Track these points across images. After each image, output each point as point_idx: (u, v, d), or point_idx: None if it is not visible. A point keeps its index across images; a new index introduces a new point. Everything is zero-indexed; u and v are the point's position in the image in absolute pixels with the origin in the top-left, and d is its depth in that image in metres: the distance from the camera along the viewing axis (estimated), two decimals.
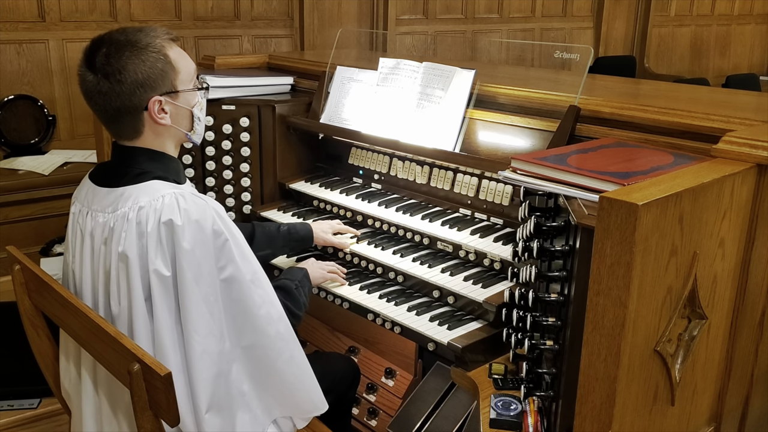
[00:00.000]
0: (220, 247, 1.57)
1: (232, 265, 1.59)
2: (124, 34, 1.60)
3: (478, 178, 2.36)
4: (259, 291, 1.64)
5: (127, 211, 1.56)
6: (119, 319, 1.59)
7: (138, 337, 1.56)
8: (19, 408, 2.49)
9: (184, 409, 1.56)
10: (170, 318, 1.56)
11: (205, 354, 1.56)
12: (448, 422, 2.26)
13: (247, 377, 1.65)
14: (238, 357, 1.63)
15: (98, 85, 1.58)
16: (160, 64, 1.61)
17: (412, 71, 2.51)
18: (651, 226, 1.27)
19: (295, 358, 1.71)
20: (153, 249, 1.53)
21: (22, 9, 4.01)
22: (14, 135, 4.07)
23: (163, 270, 1.53)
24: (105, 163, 1.75)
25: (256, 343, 1.64)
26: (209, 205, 1.59)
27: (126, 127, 1.65)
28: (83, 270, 1.66)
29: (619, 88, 2.66)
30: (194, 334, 1.55)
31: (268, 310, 1.65)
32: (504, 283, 2.08)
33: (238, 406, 1.64)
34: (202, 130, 1.79)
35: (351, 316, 2.38)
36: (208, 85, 1.79)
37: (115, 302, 1.59)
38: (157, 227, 1.53)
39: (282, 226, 2.37)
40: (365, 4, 5.46)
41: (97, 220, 1.62)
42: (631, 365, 1.34)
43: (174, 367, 1.54)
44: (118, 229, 1.56)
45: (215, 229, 1.57)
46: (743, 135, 1.59)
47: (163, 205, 1.54)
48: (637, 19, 7.40)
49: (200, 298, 1.54)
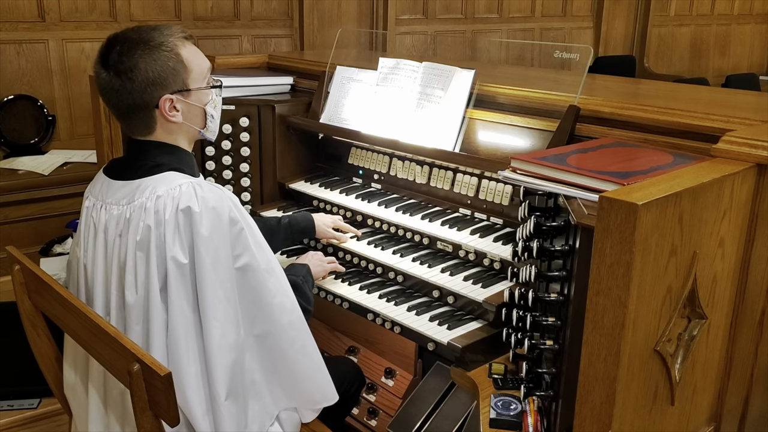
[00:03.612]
0: (236, 235, 1.59)
1: (247, 253, 1.61)
2: (138, 33, 1.62)
3: (477, 177, 2.36)
4: (273, 280, 1.65)
5: (144, 201, 1.58)
6: (134, 308, 1.59)
7: (153, 326, 1.56)
8: (19, 408, 2.49)
9: (194, 399, 1.56)
10: (187, 306, 1.56)
11: (224, 340, 1.57)
12: (448, 422, 2.25)
13: (258, 366, 1.66)
14: (250, 345, 1.64)
15: (111, 82, 1.61)
16: (172, 62, 1.62)
17: (412, 71, 2.51)
18: (651, 226, 1.27)
19: (307, 348, 1.72)
20: (171, 236, 1.54)
21: (22, 9, 4.01)
22: (14, 135, 4.07)
23: (180, 257, 1.54)
24: (119, 159, 1.77)
25: (269, 331, 1.65)
26: (225, 194, 1.61)
27: (138, 124, 1.67)
28: (96, 264, 1.67)
29: (618, 87, 2.66)
30: (213, 320, 1.55)
31: (281, 299, 1.66)
32: (504, 282, 2.08)
33: (250, 394, 1.66)
34: (217, 127, 1.80)
35: (351, 316, 2.38)
36: (221, 82, 1.80)
37: (130, 292, 1.59)
38: (175, 214, 1.55)
39: (283, 219, 2.36)
40: (365, 4, 5.46)
41: (111, 213, 1.63)
42: (630, 365, 1.34)
43: (187, 356, 1.56)
44: (135, 219, 1.58)
45: (232, 217, 1.59)
46: (743, 135, 1.59)
47: (181, 193, 1.56)
48: (637, 18, 7.40)
49: (218, 285, 1.56)
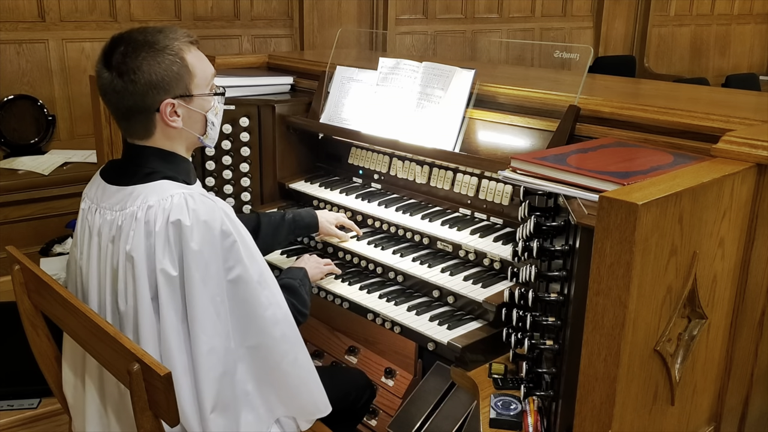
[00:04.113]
0: (228, 248, 1.57)
1: (239, 265, 1.59)
2: (143, 34, 1.60)
3: (477, 177, 2.36)
4: (266, 292, 1.64)
5: (135, 210, 1.56)
6: (126, 317, 1.59)
7: (144, 336, 1.56)
8: (19, 408, 2.49)
9: (189, 409, 1.56)
10: (176, 318, 1.56)
11: (212, 353, 1.56)
12: (448, 422, 2.26)
13: (251, 377, 1.65)
14: (242, 357, 1.63)
15: (112, 82, 1.59)
16: (176, 67, 1.61)
17: (412, 71, 2.51)
18: (651, 226, 1.27)
19: (300, 360, 1.70)
20: (161, 249, 1.53)
21: (22, 9, 4.01)
22: (14, 135, 4.07)
23: (170, 270, 1.53)
24: (116, 161, 1.75)
25: (261, 344, 1.64)
26: (218, 205, 1.59)
27: (137, 127, 1.65)
28: (90, 267, 1.66)
29: (618, 87, 2.66)
30: (201, 334, 1.54)
31: (274, 311, 1.65)
32: (504, 282, 2.08)
33: (243, 405, 1.64)
34: (216, 135, 1.78)
35: (351, 316, 2.38)
36: (224, 89, 1.78)
37: (122, 301, 1.59)
38: (165, 227, 1.53)
39: (287, 215, 2.35)
40: (365, 4, 5.46)
41: (105, 218, 1.62)
42: (631, 365, 1.34)
43: (180, 367, 1.55)
44: (126, 228, 1.57)
45: (224, 230, 1.57)
46: (743, 135, 1.59)
47: (172, 205, 1.54)
48: (637, 18, 7.40)
49: (207, 299, 1.54)
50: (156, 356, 1.56)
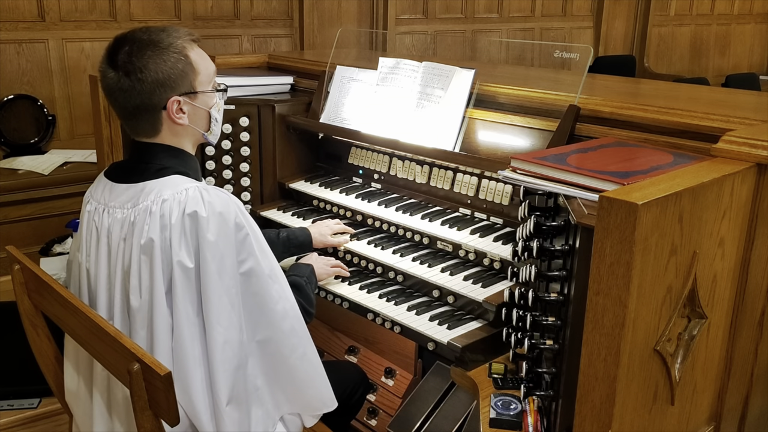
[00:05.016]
0: (241, 241, 1.59)
1: (252, 258, 1.61)
2: (147, 33, 1.62)
3: (477, 177, 2.36)
4: (276, 286, 1.65)
5: (149, 204, 1.57)
6: (139, 313, 1.59)
7: (158, 330, 1.56)
8: (19, 408, 2.49)
9: (199, 402, 1.56)
10: (192, 310, 1.56)
11: (227, 345, 1.56)
12: (448, 422, 2.26)
13: (260, 372, 1.66)
14: (253, 351, 1.64)
15: (119, 82, 1.60)
16: (181, 64, 1.63)
17: (412, 71, 2.51)
18: (651, 226, 1.27)
19: (308, 355, 1.71)
20: (177, 240, 1.54)
21: (22, 9, 4.01)
22: (14, 135, 4.07)
23: (186, 261, 1.54)
24: (120, 162, 1.77)
25: (270, 338, 1.65)
26: (231, 199, 1.61)
27: (144, 125, 1.66)
28: (99, 268, 1.66)
29: (618, 87, 2.66)
30: (216, 326, 1.55)
31: (284, 305, 1.66)
32: (504, 282, 2.08)
33: (253, 400, 1.65)
34: (219, 131, 1.81)
35: (351, 316, 2.38)
36: (226, 87, 1.80)
37: (135, 296, 1.59)
38: (182, 219, 1.54)
39: (281, 233, 2.36)
40: (365, 4, 5.46)
41: (115, 217, 1.63)
42: (630, 365, 1.34)
43: (192, 360, 1.56)
44: (140, 223, 1.57)
45: (237, 222, 1.58)
46: (743, 134, 1.59)
47: (188, 198, 1.56)
48: (637, 18, 7.40)
49: (223, 290, 1.55)
50: (169, 350, 1.56)
